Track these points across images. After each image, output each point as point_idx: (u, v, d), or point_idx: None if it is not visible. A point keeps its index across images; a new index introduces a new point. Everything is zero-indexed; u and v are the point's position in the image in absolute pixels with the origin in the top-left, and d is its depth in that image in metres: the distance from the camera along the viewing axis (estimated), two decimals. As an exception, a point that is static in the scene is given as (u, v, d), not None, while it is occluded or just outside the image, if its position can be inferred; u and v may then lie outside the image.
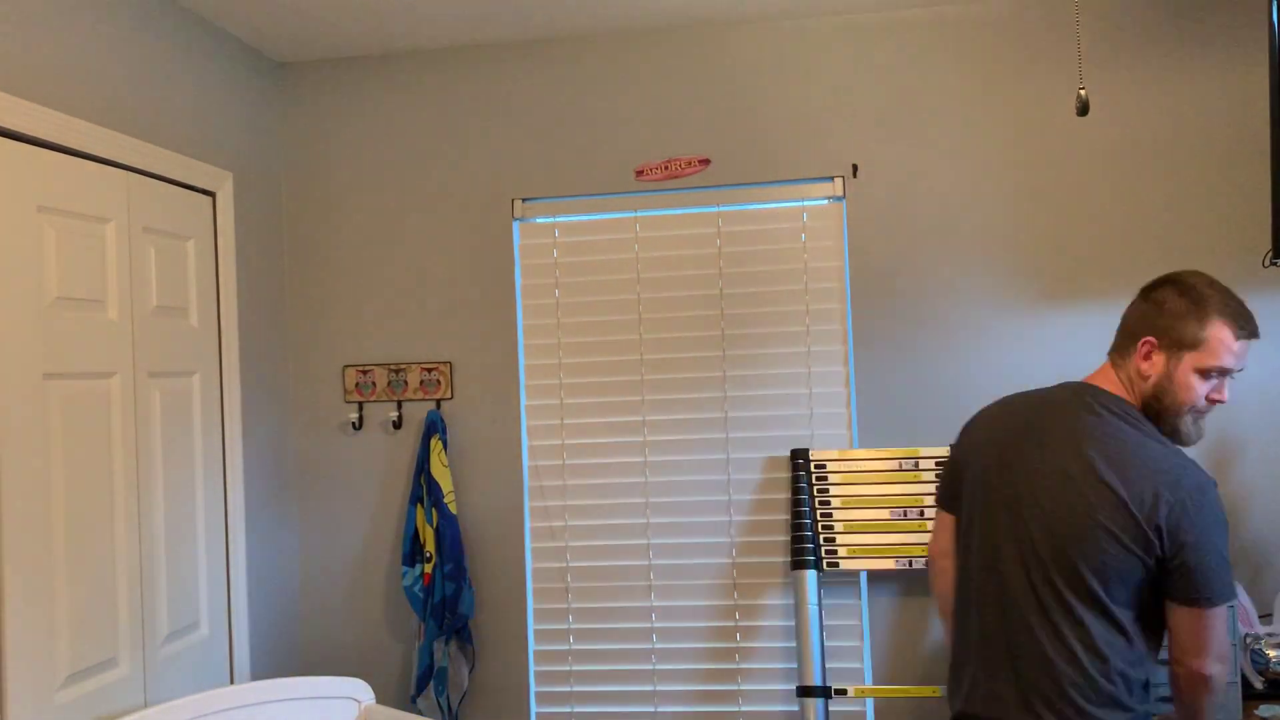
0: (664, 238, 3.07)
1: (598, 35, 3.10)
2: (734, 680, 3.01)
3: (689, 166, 3.05)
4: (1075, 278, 2.89)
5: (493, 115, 3.14)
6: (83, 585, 2.20)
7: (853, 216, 2.99)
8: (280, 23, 2.89)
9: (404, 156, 3.18)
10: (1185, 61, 2.86)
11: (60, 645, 2.13)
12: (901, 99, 2.97)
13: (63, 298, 2.18)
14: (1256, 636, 2.50)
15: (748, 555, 3.01)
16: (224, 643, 2.77)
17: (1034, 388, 1.92)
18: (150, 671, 2.43)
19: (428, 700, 2.97)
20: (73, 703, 2.15)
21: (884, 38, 2.98)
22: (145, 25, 2.55)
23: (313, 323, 3.21)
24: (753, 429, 3.01)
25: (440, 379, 3.13)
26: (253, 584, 2.94)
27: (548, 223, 3.12)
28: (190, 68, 2.74)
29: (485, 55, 3.15)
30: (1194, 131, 2.86)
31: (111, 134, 2.36)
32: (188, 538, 2.62)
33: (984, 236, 2.93)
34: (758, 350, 3.02)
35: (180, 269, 2.65)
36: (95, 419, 2.27)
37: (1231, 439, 2.82)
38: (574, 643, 3.08)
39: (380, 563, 3.16)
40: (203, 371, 2.72)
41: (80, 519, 2.21)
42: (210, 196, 2.82)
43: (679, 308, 3.06)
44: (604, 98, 3.09)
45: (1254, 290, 2.82)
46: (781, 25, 3.02)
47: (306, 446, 3.21)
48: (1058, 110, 2.91)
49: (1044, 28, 2.92)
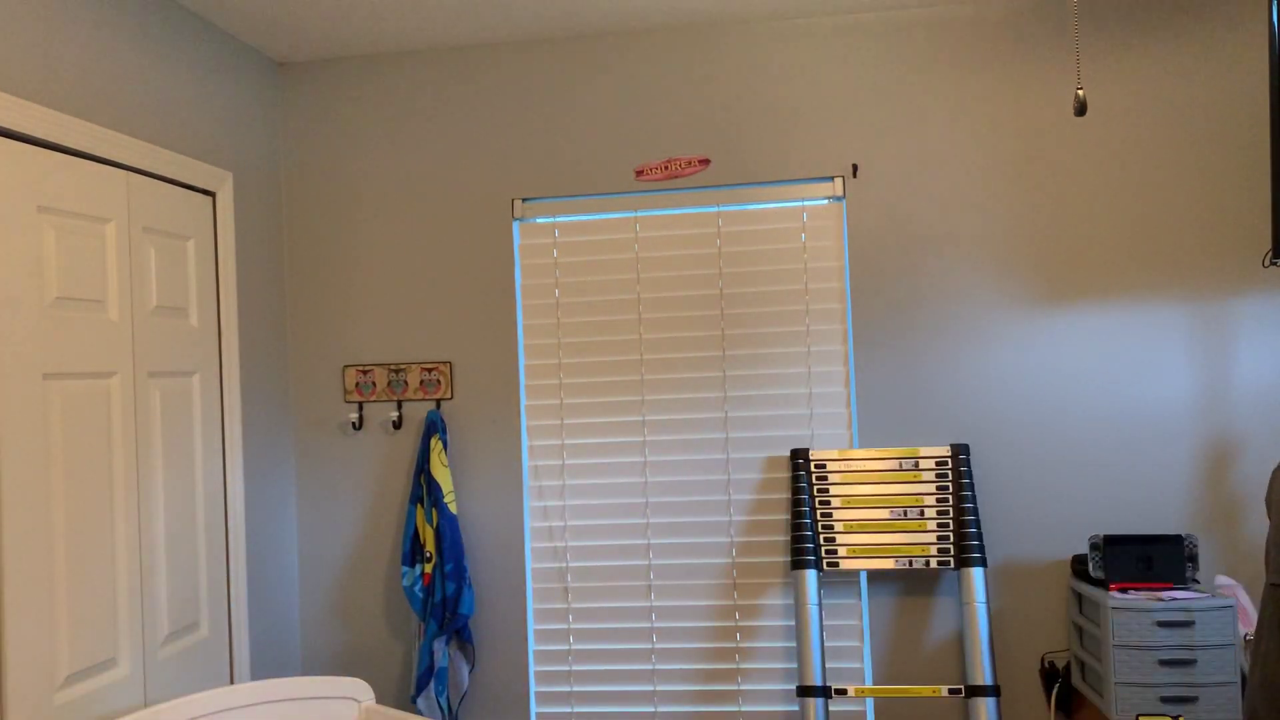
0: (664, 238, 3.07)
1: (598, 35, 3.10)
2: (734, 680, 3.01)
3: (689, 166, 3.05)
4: (1075, 277, 2.89)
5: (493, 115, 3.14)
6: (83, 585, 2.20)
7: (853, 216, 2.99)
8: (280, 23, 2.89)
9: (404, 156, 3.18)
10: (1185, 61, 2.86)
11: (60, 645, 2.13)
12: (901, 99, 2.97)
13: (63, 298, 2.18)
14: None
15: (747, 555, 3.01)
16: (224, 643, 2.77)
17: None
18: (150, 671, 2.43)
19: (428, 700, 2.96)
20: (73, 703, 2.15)
21: (884, 38, 2.98)
22: (145, 26, 2.55)
23: (313, 323, 3.21)
24: (753, 429, 3.01)
25: (440, 379, 3.13)
26: (253, 584, 2.94)
27: (548, 223, 3.12)
28: (190, 68, 2.74)
29: (485, 55, 3.15)
30: (1194, 131, 2.86)
31: (111, 134, 2.36)
32: (188, 538, 2.62)
33: (984, 236, 2.93)
34: (758, 350, 3.02)
35: (180, 269, 2.64)
36: (95, 419, 2.27)
37: (1231, 439, 2.83)
38: (574, 643, 3.08)
39: (380, 562, 3.16)
40: (203, 371, 2.72)
41: (80, 519, 2.21)
42: (210, 196, 2.82)
43: (679, 308, 3.06)
44: (604, 98, 3.09)
45: (1254, 290, 2.82)
46: (781, 25, 3.02)
47: (306, 446, 3.21)
48: (1057, 110, 2.91)
49: (1043, 28, 2.92)
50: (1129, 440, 2.86)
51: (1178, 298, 2.85)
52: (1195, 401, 2.84)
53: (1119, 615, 2.50)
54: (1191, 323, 2.85)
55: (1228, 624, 2.45)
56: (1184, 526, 2.84)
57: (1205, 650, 2.45)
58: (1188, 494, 2.84)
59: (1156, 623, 2.48)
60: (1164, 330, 2.86)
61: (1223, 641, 2.45)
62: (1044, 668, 2.87)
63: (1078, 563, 2.78)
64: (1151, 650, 2.48)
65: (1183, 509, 2.84)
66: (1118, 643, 2.49)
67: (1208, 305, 2.84)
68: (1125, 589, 2.60)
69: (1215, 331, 2.84)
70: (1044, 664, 2.88)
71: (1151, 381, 2.86)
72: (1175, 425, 2.85)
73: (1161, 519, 2.85)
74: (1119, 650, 2.49)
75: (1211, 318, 2.84)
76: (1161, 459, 2.85)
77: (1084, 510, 2.88)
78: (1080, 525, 2.88)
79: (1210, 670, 2.45)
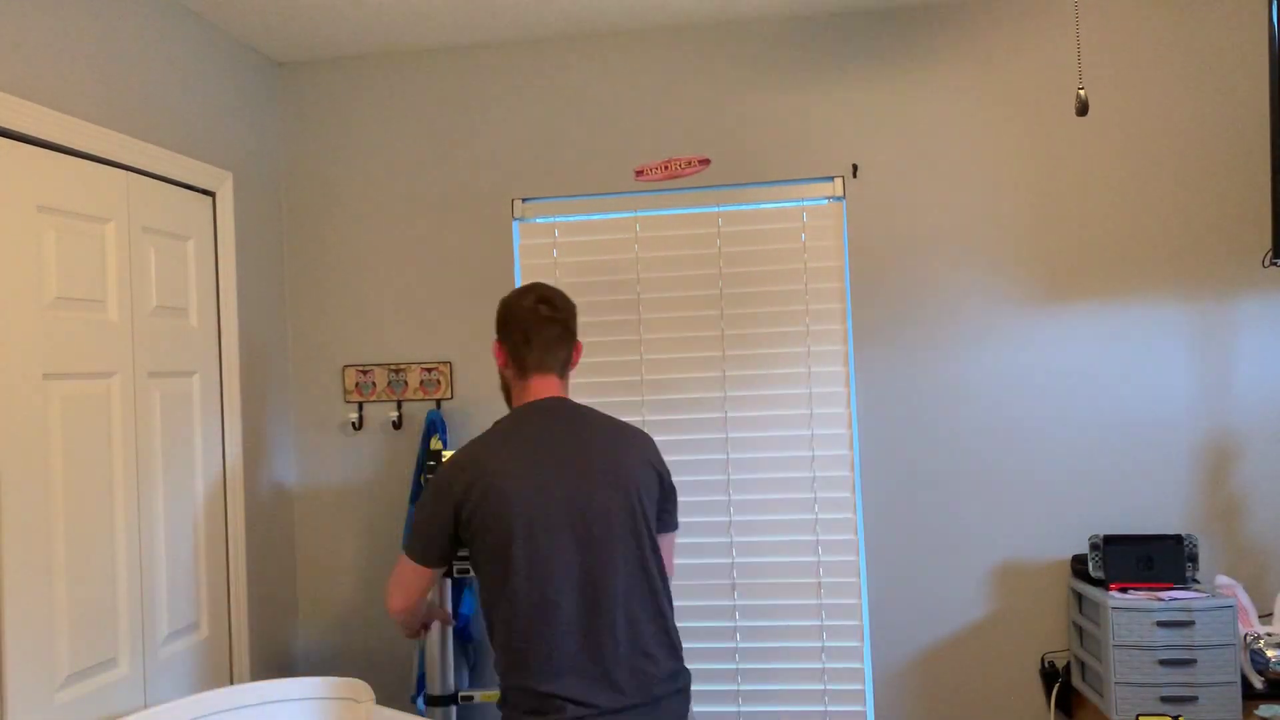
0: (664, 238, 3.07)
1: (598, 35, 3.10)
2: (734, 680, 3.01)
3: (689, 166, 3.05)
4: (1075, 277, 2.89)
5: (493, 115, 3.14)
6: (83, 585, 2.20)
7: (853, 216, 2.99)
8: (280, 23, 2.89)
9: (404, 156, 3.18)
10: (1185, 61, 2.86)
11: (60, 645, 2.13)
12: (901, 99, 2.97)
13: (63, 298, 2.18)
14: (1256, 636, 2.50)
15: (747, 555, 3.01)
16: (224, 643, 2.77)
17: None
18: (150, 671, 2.43)
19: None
20: (73, 703, 2.15)
21: (884, 37, 2.98)
22: (145, 25, 2.55)
23: (313, 323, 3.21)
24: (753, 429, 3.01)
25: (440, 379, 3.13)
26: (253, 584, 2.94)
27: (548, 223, 3.12)
28: (190, 68, 2.74)
29: (485, 55, 3.15)
30: (1194, 131, 2.86)
31: (111, 134, 2.36)
32: (187, 538, 2.62)
33: (984, 236, 2.93)
34: (758, 350, 3.02)
35: (180, 269, 2.64)
36: (95, 419, 2.27)
37: (1231, 439, 2.83)
38: (574, 643, 3.07)
39: (380, 563, 3.16)
40: (203, 371, 2.72)
41: (80, 519, 2.21)
42: (210, 196, 2.82)
43: (679, 308, 3.05)
44: (604, 98, 3.09)
45: (1254, 290, 2.82)
46: (780, 25, 3.02)
47: (306, 446, 3.21)
48: (1057, 110, 2.91)
49: (1044, 28, 2.92)
50: (1129, 440, 2.86)
51: (1178, 297, 2.85)
52: (1195, 401, 2.84)
53: (1119, 615, 2.50)
54: (1192, 322, 2.85)
55: (1228, 624, 2.45)
56: (1184, 526, 2.84)
57: (1205, 650, 2.45)
58: (1188, 494, 2.84)
59: (1156, 623, 2.48)
60: (1164, 330, 2.86)
61: (1223, 641, 2.45)
62: (1044, 668, 2.87)
63: (1078, 563, 2.78)
64: (1151, 650, 2.48)
65: (1183, 509, 2.84)
66: (1118, 643, 2.49)
67: (1208, 305, 2.84)
68: (1125, 589, 2.60)
69: (1215, 331, 2.84)
70: (1044, 664, 2.88)
71: (1152, 381, 2.86)
72: (1175, 425, 2.85)
73: (1161, 519, 2.85)
74: (1119, 650, 2.49)
75: (1212, 317, 2.84)
76: (1161, 459, 2.85)
77: (1084, 510, 2.88)
78: (1080, 525, 2.88)
79: (1210, 670, 2.45)
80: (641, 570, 1.87)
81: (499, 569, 1.83)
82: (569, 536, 1.82)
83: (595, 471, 1.87)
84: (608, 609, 1.82)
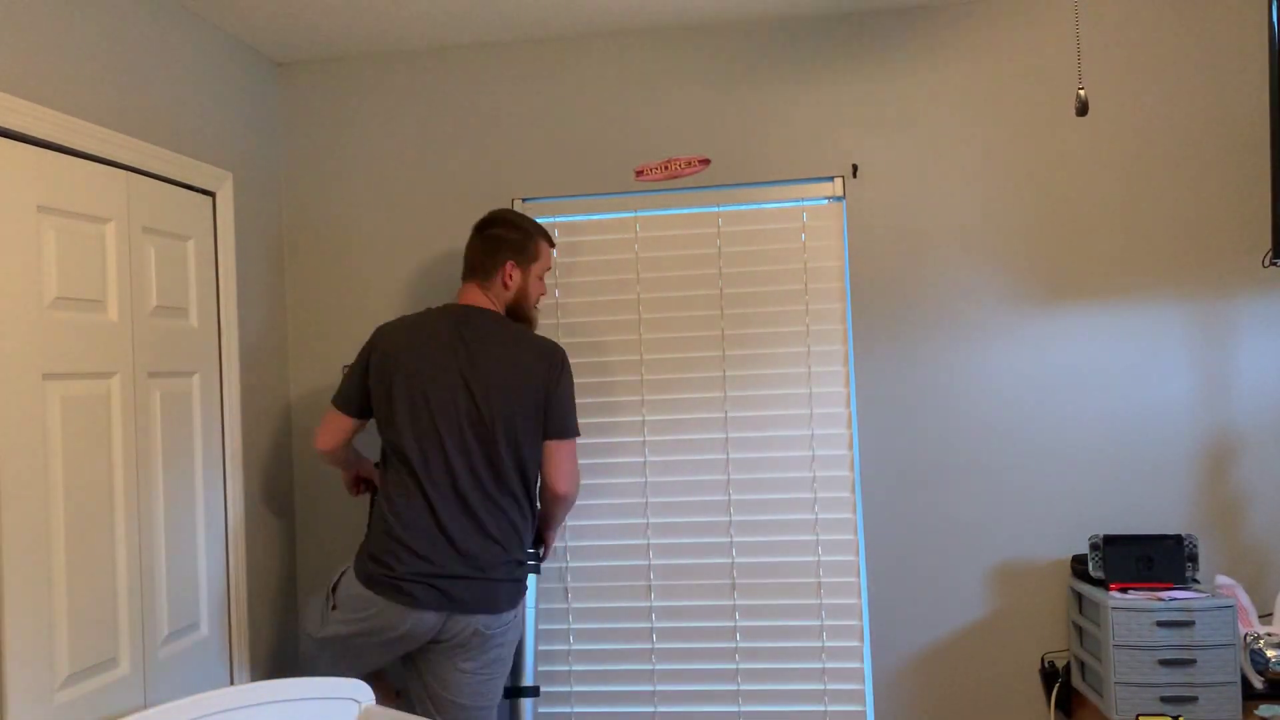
0: (664, 238, 3.07)
1: (598, 35, 3.10)
2: (734, 680, 3.01)
3: (689, 166, 3.05)
4: (1075, 277, 2.89)
5: (493, 115, 3.14)
6: (83, 585, 2.20)
7: (853, 216, 2.99)
8: (279, 23, 2.89)
9: (404, 156, 3.18)
10: (1185, 61, 2.86)
11: (60, 645, 2.13)
12: (901, 99, 2.97)
13: (63, 298, 2.18)
14: (1256, 636, 2.50)
15: (747, 555, 3.01)
16: (224, 643, 2.77)
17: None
18: (150, 671, 2.43)
19: (428, 700, 2.96)
20: (73, 703, 2.15)
21: (884, 37, 2.98)
22: (145, 26, 2.55)
23: (313, 323, 3.21)
24: (753, 429, 3.01)
25: (440, 379, 3.13)
26: (253, 584, 2.94)
27: (548, 222, 3.12)
28: (190, 68, 2.74)
29: (485, 55, 3.15)
30: (1194, 131, 2.86)
31: (111, 134, 2.36)
32: (188, 538, 2.62)
33: (984, 236, 2.93)
34: (758, 350, 3.02)
35: (180, 269, 2.64)
36: (95, 419, 2.27)
37: (1231, 439, 2.83)
38: (574, 643, 3.08)
39: (380, 563, 3.16)
40: (203, 371, 2.72)
41: (80, 519, 2.21)
42: (210, 196, 2.82)
43: (679, 308, 3.06)
44: (604, 98, 3.09)
45: (1254, 290, 2.82)
46: (781, 25, 3.02)
47: (307, 446, 3.20)
48: (1058, 110, 2.91)
49: (1044, 28, 2.92)
50: (1129, 440, 2.86)
51: (1178, 297, 2.85)
52: (1195, 401, 2.84)
53: (1119, 615, 2.50)
54: (1191, 322, 2.85)
55: (1228, 624, 2.45)
56: (1184, 526, 2.84)
57: (1205, 650, 2.45)
58: (1188, 494, 2.84)
59: (1156, 623, 2.48)
60: (1164, 329, 2.86)
61: (1223, 641, 2.45)
62: (1044, 668, 2.87)
63: (1078, 563, 2.78)
64: (1151, 650, 2.48)
65: (1183, 509, 2.84)
66: (1118, 643, 2.49)
67: (1208, 305, 2.84)
68: (1125, 589, 2.60)
69: (1215, 331, 2.84)
70: (1044, 664, 2.88)
71: (1151, 381, 2.86)
72: (1175, 425, 2.85)
73: (1161, 519, 2.85)
74: (1119, 650, 2.49)
75: (1211, 317, 2.84)
76: (1161, 459, 2.85)
77: (1084, 510, 2.88)
78: (1080, 525, 2.88)
79: (1210, 670, 2.45)
80: (487, 463, 2.38)
81: (382, 414, 2.46)
82: (425, 411, 2.39)
83: (460, 368, 2.40)
84: (448, 485, 2.37)
